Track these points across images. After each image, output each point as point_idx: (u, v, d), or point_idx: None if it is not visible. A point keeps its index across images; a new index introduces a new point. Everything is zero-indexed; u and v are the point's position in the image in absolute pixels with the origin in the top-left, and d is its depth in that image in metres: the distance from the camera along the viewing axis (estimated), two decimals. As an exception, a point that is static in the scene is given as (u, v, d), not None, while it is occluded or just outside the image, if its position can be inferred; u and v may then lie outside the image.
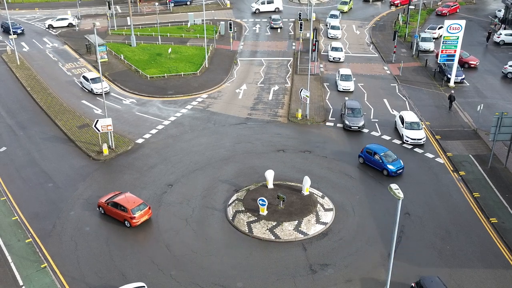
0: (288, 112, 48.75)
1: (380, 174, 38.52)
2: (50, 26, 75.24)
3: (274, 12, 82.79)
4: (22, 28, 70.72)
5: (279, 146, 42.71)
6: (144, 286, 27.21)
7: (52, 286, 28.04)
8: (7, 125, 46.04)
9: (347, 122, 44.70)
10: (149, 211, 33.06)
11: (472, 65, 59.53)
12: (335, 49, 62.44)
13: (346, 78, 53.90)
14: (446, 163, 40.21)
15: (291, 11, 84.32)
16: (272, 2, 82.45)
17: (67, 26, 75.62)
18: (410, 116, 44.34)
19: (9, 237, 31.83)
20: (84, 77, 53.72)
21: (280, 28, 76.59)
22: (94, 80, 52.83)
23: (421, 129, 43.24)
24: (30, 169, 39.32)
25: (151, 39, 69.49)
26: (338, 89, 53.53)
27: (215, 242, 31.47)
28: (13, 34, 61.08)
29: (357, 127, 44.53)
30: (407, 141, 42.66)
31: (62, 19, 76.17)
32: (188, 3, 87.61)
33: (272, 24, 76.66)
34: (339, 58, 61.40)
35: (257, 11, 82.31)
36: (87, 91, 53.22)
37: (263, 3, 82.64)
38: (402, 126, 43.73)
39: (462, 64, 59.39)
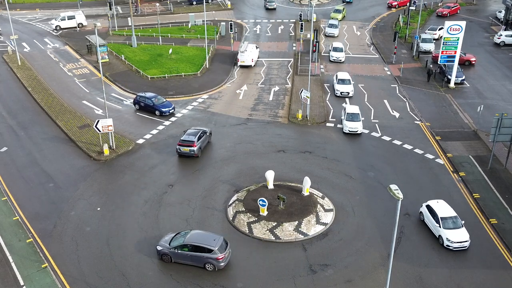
0: (289, 112, 48.81)
1: (380, 174, 38.52)
2: None
3: (78, 27, 74.69)
4: (173, 107, 48.42)
5: (280, 147, 42.77)
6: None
7: (53, 286, 28.12)
8: (8, 125, 46.13)
9: None
10: None
11: (472, 62, 60.98)
12: (341, 81, 52.99)
13: (352, 118, 45.11)
14: (446, 164, 40.26)
15: (292, 12, 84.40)
16: (74, 18, 75.48)
17: None
18: None
19: (10, 237, 31.91)
20: None
21: (274, 9, 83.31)
22: None
23: None
24: (31, 169, 39.41)
25: (152, 39, 69.57)
26: (344, 131, 44.90)
27: (215, 242, 31.55)
28: (160, 114, 47.67)
29: None
30: None
31: None
32: (210, 1, 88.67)
33: (268, 6, 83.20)
34: (348, 93, 52.10)
35: (57, 28, 74.52)
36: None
37: (63, 19, 75.36)
38: None
39: (463, 62, 60.15)
